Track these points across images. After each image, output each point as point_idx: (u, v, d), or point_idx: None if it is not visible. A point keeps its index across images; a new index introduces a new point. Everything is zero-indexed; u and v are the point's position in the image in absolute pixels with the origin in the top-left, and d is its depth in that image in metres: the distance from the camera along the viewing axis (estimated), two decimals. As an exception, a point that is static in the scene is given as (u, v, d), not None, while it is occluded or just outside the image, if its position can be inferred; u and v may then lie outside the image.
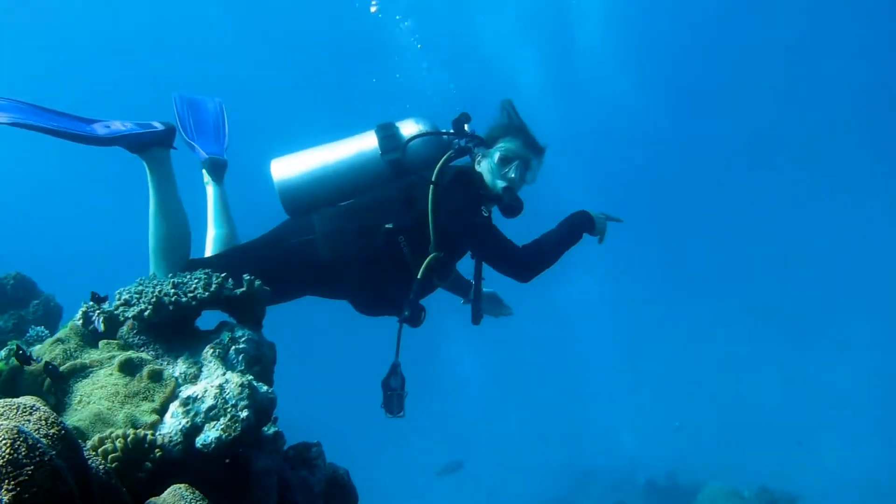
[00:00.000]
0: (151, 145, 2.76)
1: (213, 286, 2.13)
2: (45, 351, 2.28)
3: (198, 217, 3.01)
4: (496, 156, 2.98)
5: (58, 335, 2.32)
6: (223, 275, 2.24)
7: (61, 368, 2.16)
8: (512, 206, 2.95)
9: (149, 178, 2.79)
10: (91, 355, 2.22)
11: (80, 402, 2.09)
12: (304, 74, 24.15)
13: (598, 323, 23.35)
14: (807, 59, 23.72)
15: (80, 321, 2.30)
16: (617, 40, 23.15)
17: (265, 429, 2.73)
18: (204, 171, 3.18)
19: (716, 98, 25.83)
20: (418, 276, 2.87)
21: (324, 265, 2.91)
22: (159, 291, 2.07)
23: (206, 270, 2.23)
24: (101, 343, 2.26)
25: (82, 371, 2.16)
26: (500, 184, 2.96)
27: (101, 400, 2.07)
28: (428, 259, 2.87)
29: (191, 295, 2.08)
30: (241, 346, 2.11)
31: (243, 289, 2.22)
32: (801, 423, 15.06)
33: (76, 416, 2.05)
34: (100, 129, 2.65)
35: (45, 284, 3.66)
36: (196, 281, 2.13)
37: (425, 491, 15.53)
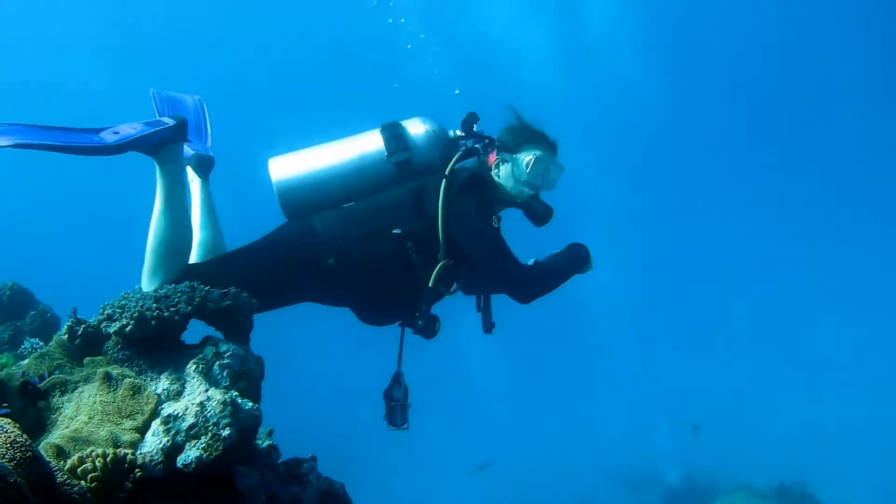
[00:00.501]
0: (164, 143, 2.64)
1: (197, 300, 2.08)
2: (30, 366, 2.24)
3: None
4: (524, 161, 2.90)
5: (43, 350, 2.28)
6: (206, 287, 2.18)
7: (44, 384, 2.12)
8: (544, 213, 2.89)
9: (158, 176, 2.66)
10: (76, 371, 2.18)
11: (62, 419, 2.05)
12: (299, 67, 23.81)
13: (615, 320, 23.16)
14: (824, 40, 23.08)
15: (66, 336, 2.26)
16: (631, 18, 22.49)
17: (259, 442, 2.67)
18: (189, 168, 3.06)
19: (734, 80, 25.21)
20: (429, 285, 2.76)
21: (326, 271, 2.79)
22: (141, 306, 2.02)
23: (192, 283, 2.18)
24: (86, 360, 2.22)
25: (66, 387, 2.12)
26: (528, 191, 2.90)
27: (83, 417, 2.02)
28: (438, 267, 2.76)
29: (173, 309, 2.03)
30: (226, 361, 2.05)
31: (229, 301, 2.17)
32: (815, 419, 14.92)
33: (57, 434, 2.00)
34: (108, 137, 2.51)
35: (43, 295, 3.62)
36: (179, 294, 2.08)
37: (452, 490, 15.49)
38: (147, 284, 2.59)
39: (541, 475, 14.85)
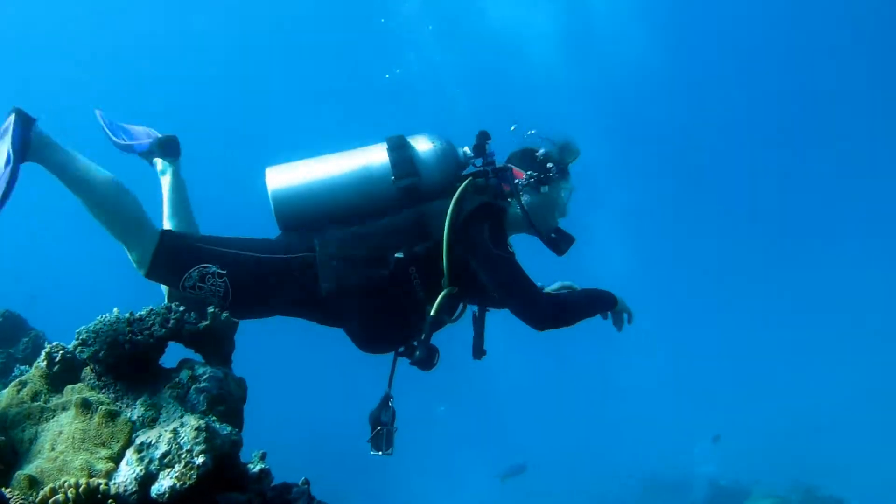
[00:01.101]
0: (27, 135, 2.43)
1: (171, 322, 2.01)
2: (9, 394, 2.19)
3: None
4: (564, 195, 2.91)
5: (22, 377, 2.23)
6: (183, 308, 2.12)
7: (22, 411, 2.07)
8: (570, 242, 2.92)
9: (50, 170, 2.49)
10: (53, 398, 2.12)
11: (37, 448, 1.98)
12: (298, 72, 23.72)
13: (638, 321, 22.82)
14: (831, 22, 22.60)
15: (44, 362, 2.20)
16: (636, 2, 22.25)
17: (251, 466, 2.59)
18: (156, 159, 2.92)
19: (742, 64, 24.74)
20: (431, 314, 2.64)
21: (323, 292, 2.65)
22: (115, 330, 1.96)
23: (168, 304, 2.12)
24: (66, 387, 2.16)
25: (42, 415, 2.06)
26: (555, 223, 2.91)
27: (59, 446, 1.96)
28: (441, 295, 2.64)
29: (147, 332, 1.97)
30: (202, 384, 1.97)
31: (207, 322, 2.10)
32: (843, 423, 14.61)
33: (33, 464, 1.94)
34: None
35: (37, 321, 3.58)
36: (154, 317, 2.02)
37: (471, 494, 15.34)
38: (132, 254, 2.52)
39: (563, 479, 14.69)
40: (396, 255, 2.66)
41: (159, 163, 2.93)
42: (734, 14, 23.51)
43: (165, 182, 2.89)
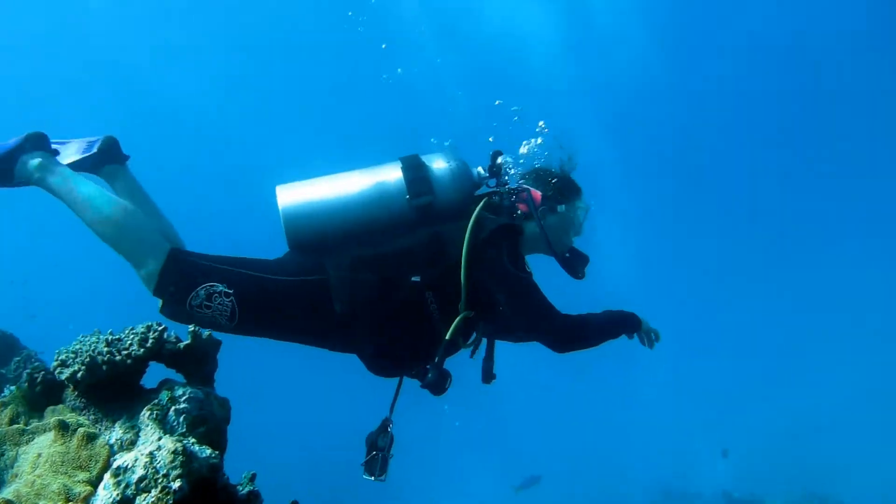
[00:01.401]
0: (14, 159, 2.52)
1: (150, 341, 1.99)
2: (-11, 417, 2.17)
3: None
4: (580, 214, 2.92)
5: (3, 399, 2.21)
6: (162, 327, 2.10)
7: (0, 433, 2.04)
8: (585, 262, 2.92)
9: (48, 191, 2.54)
10: (34, 421, 2.10)
11: (16, 471, 1.97)
12: (296, 74, 23.69)
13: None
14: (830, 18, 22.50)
15: (26, 384, 2.18)
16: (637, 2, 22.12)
17: (240, 488, 2.55)
18: (101, 176, 2.84)
19: (743, 65, 24.61)
20: (446, 338, 2.62)
21: (335, 315, 2.62)
22: (93, 350, 1.94)
23: (149, 323, 2.10)
24: (48, 409, 2.14)
25: (22, 438, 2.04)
26: (570, 243, 2.91)
27: (37, 469, 1.94)
28: (457, 319, 2.62)
29: (125, 353, 1.94)
30: (182, 405, 1.95)
31: (188, 342, 2.07)
32: (844, 423, 14.54)
33: (11, 488, 1.92)
34: None
35: (35, 340, 3.55)
36: (132, 336, 2.00)
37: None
38: (140, 272, 2.53)
39: (571, 490, 14.61)
40: (413, 279, 2.65)
41: (106, 170, 2.86)
42: (735, 14, 23.49)
43: (122, 188, 2.83)
